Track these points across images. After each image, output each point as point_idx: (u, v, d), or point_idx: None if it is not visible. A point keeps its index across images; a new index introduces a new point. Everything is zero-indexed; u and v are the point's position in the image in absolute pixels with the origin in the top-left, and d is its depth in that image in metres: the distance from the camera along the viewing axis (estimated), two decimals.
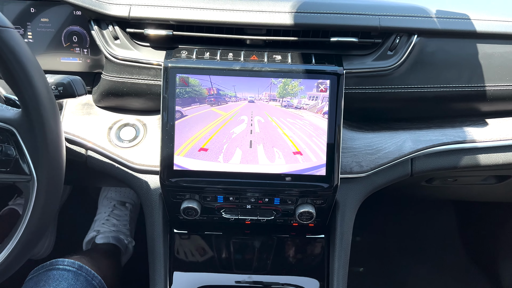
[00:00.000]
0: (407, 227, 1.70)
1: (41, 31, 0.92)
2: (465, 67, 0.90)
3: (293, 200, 0.90)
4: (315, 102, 0.84)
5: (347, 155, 0.90)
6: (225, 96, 0.84)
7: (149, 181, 0.91)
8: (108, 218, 1.35)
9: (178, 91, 0.83)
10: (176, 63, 0.83)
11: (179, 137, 0.84)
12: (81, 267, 0.91)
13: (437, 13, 0.87)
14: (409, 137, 0.93)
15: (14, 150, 0.66)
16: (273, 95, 0.84)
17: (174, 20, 0.84)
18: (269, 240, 1.01)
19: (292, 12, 0.84)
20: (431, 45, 0.87)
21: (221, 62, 0.83)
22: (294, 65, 0.84)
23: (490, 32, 0.88)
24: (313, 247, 1.01)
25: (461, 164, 0.95)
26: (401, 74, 0.88)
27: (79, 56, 0.94)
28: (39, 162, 0.65)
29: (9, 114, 0.65)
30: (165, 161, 0.84)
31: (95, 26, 0.86)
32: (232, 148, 0.84)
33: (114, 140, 0.91)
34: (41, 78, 0.62)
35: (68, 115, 0.93)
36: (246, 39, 0.87)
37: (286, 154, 0.84)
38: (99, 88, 0.92)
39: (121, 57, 0.86)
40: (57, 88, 0.72)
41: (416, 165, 0.94)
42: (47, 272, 0.88)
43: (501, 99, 0.93)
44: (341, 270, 0.95)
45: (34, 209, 0.66)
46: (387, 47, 0.87)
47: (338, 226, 0.94)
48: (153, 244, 0.94)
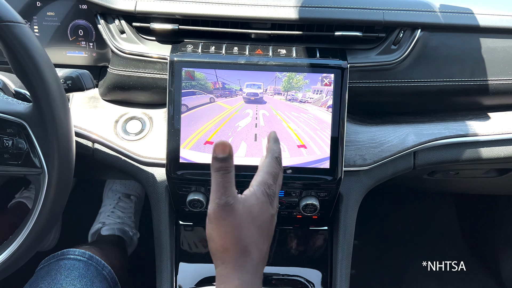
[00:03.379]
0: (408, 219, 1.71)
1: (47, 24, 0.93)
2: (468, 61, 0.90)
3: (297, 193, 0.91)
4: (319, 96, 0.85)
5: (350, 148, 0.91)
6: (230, 90, 0.85)
7: (155, 174, 0.92)
8: (113, 210, 1.37)
9: (184, 84, 0.84)
10: (181, 57, 0.84)
11: (185, 130, 0.85)
12: (92, 257, 0.92)
13: (441, 8, 0.88)
14: (412, 130, 0.94)
15: (25, 144, 0.67)
16: (278, 89, 0.85)
17: (179, 14, 0.84)
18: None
19: (296, 6, 0.84)
20: (434, 39, 0.88)
21: (226, 56, 0.84)
22: (299, 59, 0.84)
23: (493, 27, 0.88)
24: (316, 239, 1.02)
25: (463, 158, 0.96)
26: (405, 68, 0.89)
27: (85, 50, 0.95)
28: (49, 155, 0.66)
29: (20, 108, 0.66)
30: (171, 154, 0.85)
31: (101, 20, 0.87)
32: (237, 142, 0.85)
33: (121, 133, 0.92)
34: (52, 72, 0.63)
35: (75, 109, 0.94)
36: (251, 33, 0.88)
37: (290, 147, 0.85)
38: (105, 81, 0.93)
39: (128, 51, 0.87)
40: (66, 82, 0.73)
41: (419, 158, 0.94)
42: (59, 262, 0.90)
43: (504, 93, 0.94)
44: (344, 261, 0.96)
45: (45, 202, 0.67)
46: (391, 41, 0.88)
47: (342, 218, 0.96)
48: (159, 235, 0.95)
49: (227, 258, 0.55)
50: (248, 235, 0.56)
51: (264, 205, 0.58)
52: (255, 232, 0.56)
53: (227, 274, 0.55)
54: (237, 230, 0.55)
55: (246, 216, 0.56)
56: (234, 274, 0.54)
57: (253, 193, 0.58)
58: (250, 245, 0.56)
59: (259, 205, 0.57)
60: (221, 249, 0.56)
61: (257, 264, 0.56)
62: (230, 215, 0.55)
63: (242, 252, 0.55)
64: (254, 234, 0.56)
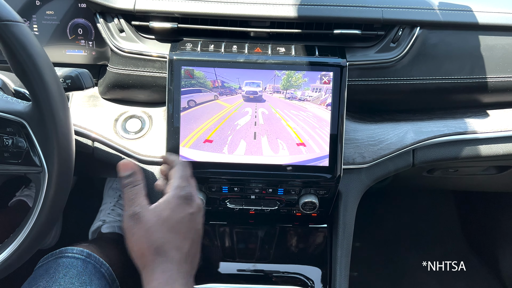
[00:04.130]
0: (408, 217, 1.71)
1: (47, 23, 0.93)
2: (467, 59, 0.90)
3: (297, 191, 0.92)
4: (318, 94, 0.85)
5: (349, 146, 0.91)
6: (230, 88, 0.85)
7: (155, 172, 0.92)
8: (113, 208, 1.37)
9: (183, 83, 0.84)
10: (181, 55, 0.84)
11: (185, 128, 0.85)
12: (90, 255, 0.93)
13: (440, 5, 0.88)
14: (411, 128, 0.94)
15: (25, 142, 0.67)
16: (277, 87, 0.85)
17: (178, 12, 0.85)
18: (272, 229, 1.03)
19: (295, 4, 0.84)
20: (433, 37, 0.88)
21: (225, 55, 0.84)
22: (298, 57, 0.84)
23: (492, 24, 0.88)
24: (316, 236, 1.03)
25: (462, 155, 0.96)
26: (404, 66, 0.89)
27: (84, 48, 0.95)
28: (49, 154, 0.66)
29: (19, 107, 0.67)
30: (170, 152, 0.85)
31: (100, 19, 0.87)
32: (236, 140, 0.86)
33: (120, 132, 0.92)
34: (51, 71, 0.63)
35: (75, 107, 0.94)
36: (250, 32, 0.88)
37: (289, 145, 0.86)
38: (105, 80, 0.93)
39: (127, 50, 0.87)
40: (65, 81, 0.73)
41: (418, 156, 0.95)
42: (57, 260, 0.90)
43: (502, 91, 0.94)
44: (343, 258, 0.97)
45: (45, 200, 0.67)
46: (389, 39, 0.88)
47: (341, 215, 0.96)
48: None
49: (146, 261, 0.60)
50: (160, 237, 0.61)
51: (177, 207, 0.63)
52: (168, 233, 0.61)
53: (147, 277, 0.60)
54: (148, 234, 0.61)
55: (156, 220, 0.61)
56: (152, 275, 0.59)
57: (165, 199, 0.64)
58: (164, 245, 0.60)
59: (171, 208, 0.63)
60: (139, 254, 0.61)
61: (178, 263, 0.60)
62: (138, 223, 0.61)
63: (157, 254, 0.60)
64: (167, 236, 0.61)
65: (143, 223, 0.61)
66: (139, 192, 0.64)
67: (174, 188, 0.66)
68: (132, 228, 0.61)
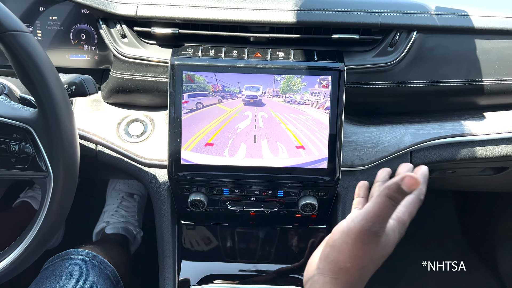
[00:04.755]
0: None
1: (50, 29, 0.95)
2: (464, 62, 0.92)
3: (296, 193, 0.93)
4: (317, 98, 0.86)
5: (348, 149, 0.93)
6: (230, 92, 0.86)
7: (157, 175, 0.94)
8: (117, 209, 1.39)
9: (184, 87, 0.85)
10: (182, 60, 0.85)
11: (186, 132, 0.86)
12: (95, 257, 0.94)
13: (436, 10, 0.89)
14: (408, 130, 0.95)
15: (31, 148, 0.69)
16: (277, 91, 0.86)
17: (180, 18, 0.86)
18: (272, 230, 1.04)
19: (294, 10, 0.86)
20: (430, 41, 0.90)
21: (225, 60, 0.86)
22: (297, 62, 0.86)
23: (488, 28, 0.90)
24: (315, 237, 1.04)
25: (459, 157, 0.97)
26: (401, 69, 0.91)
27: (87, 53, 0.97)
28: (55, 159, 0.68)
29: (25, 113, 0.68)
30: (172, 155, 0.87)
31: (103, 25, 0.89)
32: (237, 143, 0.87)
33: (123, 135, 0.94)
34: (56, 79, 0.65)
35: (78, 112, 0.95)
36: (250, 37, 0.89)
37: (289, 148, 0.87)
38: (107, 85, 0.95)
39: (129, 55, 0.89)
40: (69, 87, 0.75)
41: (415, 158, 0.96)
42: (63, 262, 0.92)
43: (499, 93, 0.95)
44: None
45: (51, 204, 0.69)
46: (387, 44, 0.89)
47: (340, 217, 0.97)
48: (162, 235, 0.97)
49: (342, 275, 0.55)
50: (370, 267, 0.56)
51: (389, 243, 0.57)
52: (374, 264, 0.57)
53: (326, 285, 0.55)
54: (372, 259, 0.55)
55: (382, 250, 0.56)
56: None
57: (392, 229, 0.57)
58: (366, 274, 0.56)
59: (391, 243, 0.57)
60: (343, 265, 0.55)
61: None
62: (372, 243, 0.54)
63: (359, 278, 0.56)
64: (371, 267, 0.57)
65: (374, 247, 0.54)
66: (390, 214, 0.54)
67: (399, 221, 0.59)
68: (363, 244, 0.54)
